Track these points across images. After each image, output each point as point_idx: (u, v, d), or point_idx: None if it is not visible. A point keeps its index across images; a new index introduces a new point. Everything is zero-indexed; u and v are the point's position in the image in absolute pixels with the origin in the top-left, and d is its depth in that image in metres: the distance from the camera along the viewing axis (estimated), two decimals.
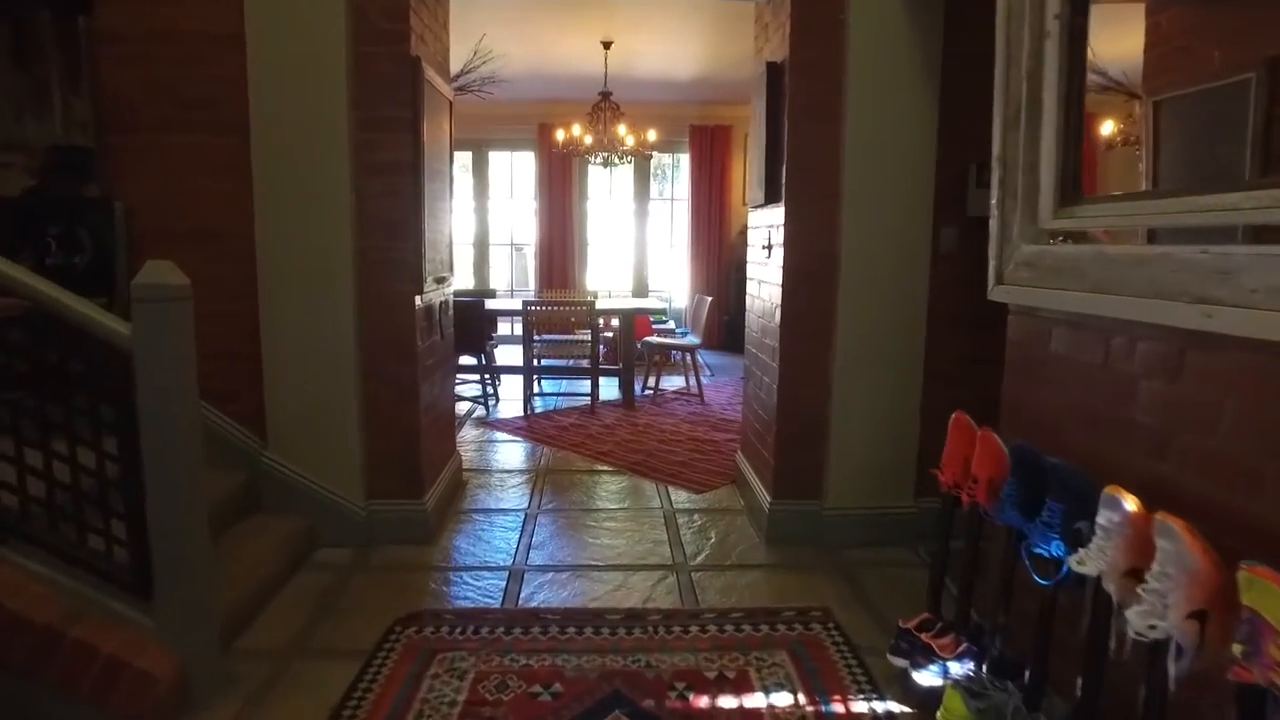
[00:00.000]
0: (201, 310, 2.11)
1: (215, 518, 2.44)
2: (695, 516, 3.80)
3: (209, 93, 3.15)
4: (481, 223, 9.60)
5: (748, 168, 3.76)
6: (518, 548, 3.38)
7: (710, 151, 9.29)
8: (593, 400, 6.06)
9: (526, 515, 3.77)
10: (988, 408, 2.38)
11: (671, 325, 8.02)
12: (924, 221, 3.29)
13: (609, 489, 4.23)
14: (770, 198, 3.46)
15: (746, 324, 4.11)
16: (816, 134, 3.25)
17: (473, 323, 5.81)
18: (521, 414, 5.93)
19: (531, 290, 9.64)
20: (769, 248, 3.57)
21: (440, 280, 3.66)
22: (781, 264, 3.33)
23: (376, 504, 3.35)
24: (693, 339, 6.62)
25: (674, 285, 10.09)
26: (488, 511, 3.82)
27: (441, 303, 3.73)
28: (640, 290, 9.79)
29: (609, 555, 3.31)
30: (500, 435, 5.35)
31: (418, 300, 3.31)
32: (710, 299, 6.34)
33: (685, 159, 9.46)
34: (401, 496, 3.38)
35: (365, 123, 3.15)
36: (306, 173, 3.11)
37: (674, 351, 6.74)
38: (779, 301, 3.37)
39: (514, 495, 4.07)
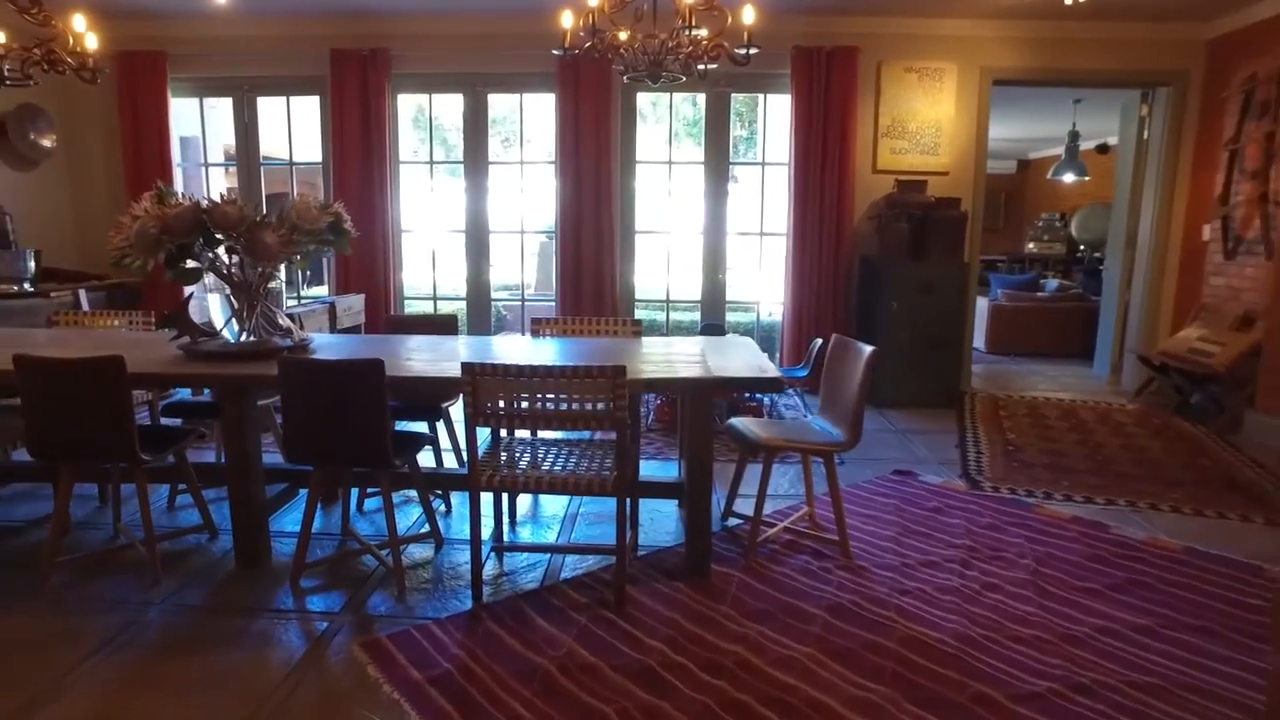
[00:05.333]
0: None
1: None
2: None
3: None
4: (477, 201, 6.47)
5: None
6: None
7: (825, 88, 5.90)
8: (619, 560, 2.82)
9: None
10: None
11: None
12: None
13: None
14: None
15: None
16: None
17: (349, 403, 2.69)
18: (470, 601, 2.80)
19: (554, 297, 6.48)
20: None
21: None
22: None
23: None
24: (828, 428, 3.31)
25: (762, 289, 6.80)
26: None
27: None
28: (714, 301, 6.51)
29: None
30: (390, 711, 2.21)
31: None
32: (870, 350, 3.04)
33: (784, 101, 6.11)
34: None
35: None
36: None
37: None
38: None
39: None
